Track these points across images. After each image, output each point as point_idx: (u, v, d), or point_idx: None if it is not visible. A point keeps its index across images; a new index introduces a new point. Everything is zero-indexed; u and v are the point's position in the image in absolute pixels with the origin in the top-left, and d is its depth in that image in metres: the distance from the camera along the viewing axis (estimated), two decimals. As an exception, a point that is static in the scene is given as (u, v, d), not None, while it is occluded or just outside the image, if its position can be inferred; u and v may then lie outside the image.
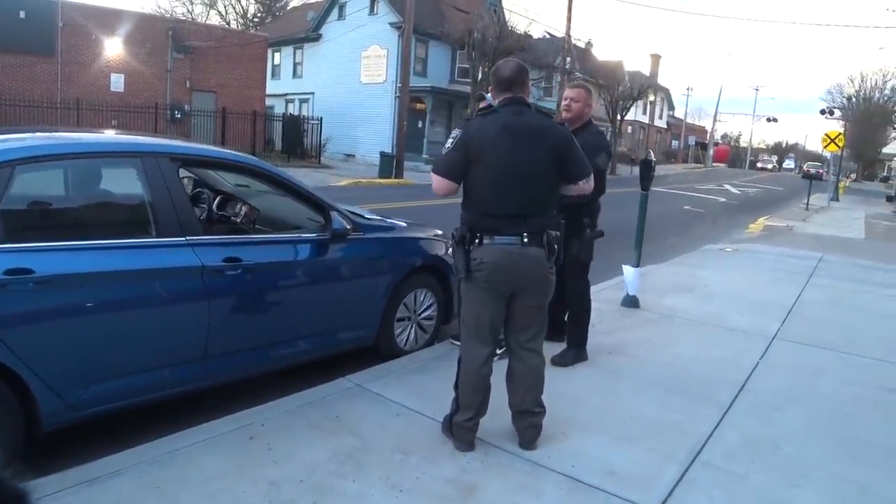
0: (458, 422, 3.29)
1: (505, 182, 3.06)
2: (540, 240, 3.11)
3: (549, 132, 3.16)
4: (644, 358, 4.92)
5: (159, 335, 3.31)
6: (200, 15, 49.04)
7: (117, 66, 23.35)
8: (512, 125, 3.10)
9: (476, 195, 3.13)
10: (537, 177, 3.12)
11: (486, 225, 3.09)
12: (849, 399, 4.39)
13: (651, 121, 59.12)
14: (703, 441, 3.57)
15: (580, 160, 3.25)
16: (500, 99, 3.23)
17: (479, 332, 3.22)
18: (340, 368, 4.29)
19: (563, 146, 3.17)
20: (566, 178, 3.22)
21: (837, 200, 28.94)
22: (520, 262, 3.09)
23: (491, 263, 3.08)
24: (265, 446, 3.23)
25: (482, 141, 3.07)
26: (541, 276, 3.17)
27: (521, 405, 3.33)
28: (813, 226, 17.05)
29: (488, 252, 3.09)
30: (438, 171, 3.19)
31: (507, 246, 3.08)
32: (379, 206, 11.95)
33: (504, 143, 3.06)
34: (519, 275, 3.12)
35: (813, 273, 9.23)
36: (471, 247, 3.12)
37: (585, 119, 4.56)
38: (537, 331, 3.32)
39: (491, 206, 3.09)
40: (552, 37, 35.18)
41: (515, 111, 3.16)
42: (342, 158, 31.50)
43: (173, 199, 3.40)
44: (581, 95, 4.55)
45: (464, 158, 3.10)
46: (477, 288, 3.15)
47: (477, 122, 3.16)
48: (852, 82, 59.77)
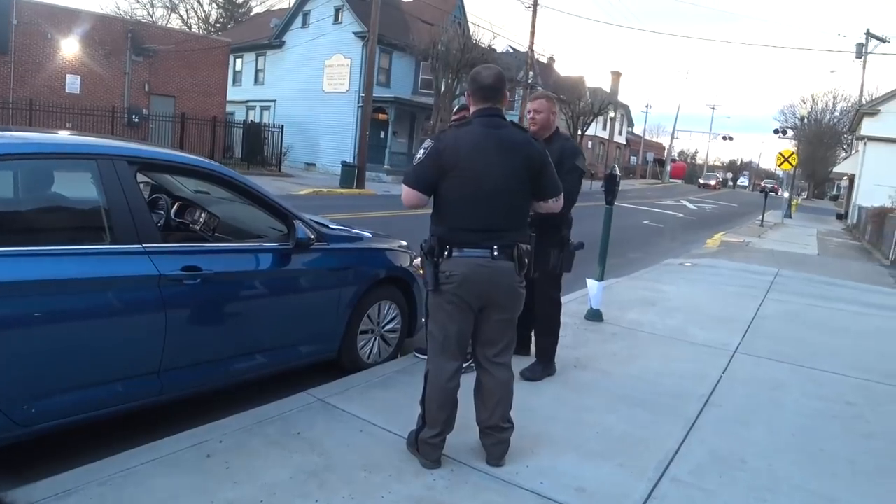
0: (424, 438, 3.20)
1: (479, 196, 2.98)
2: (511, 253, 3.04)
3: (525, 148, 3.08)
4: (611, 372, 4.90)
5: (112, 347, 3.15)
6: (161, 18, 48.27)
7: (73, 67, 22.74)
8: (487, 138, 3.01)
9: (448, 208, 3.04)
10: (512, 192, 3.04)
11: (457, 238, 3.02)
12: (810, 412, 4.43)
13: (611, 136, 60.01)
14: (671, 456, 3.55)
15: (553, 178, 3.20)
16: (477, 109, 3.14)
17: (446, 346, 3.14)
18: (302, 382, 4.17)
19: (538, 163, 3.11)
20: (538, 195, 3.18)
21: (791, 217, 29.69)
22: (489, 275, 3.02)
23: (460, 276, 3.00)
24: (223, 465, 3.09)
25: (457, 153, 2.98)
26: (511, 289, 3.10)
27: (489, 421, 3.24)
28: (768, 242, 17.42)
29: (458, 264, 3.00)
30: (409, 183, 3.08)
31: (476, 258, 3.00)
32: (340, 216, 11.81)
33: (480, 157, 2.98)
34: (488, 288, 3.04)
35: (770, 288, 9.39)
36: (440, 259, 3.04)
37: (552, 128, 4.50)
38: (506, 345, 3.23)
39: (464, 219, 3.01)
40: (515, 51, 35.50)
41: (492, 123, 3.07)
42: (303, 167, 31.20)
43: (130, 205, 3.24)
44: (543, 105, 4.47)
45: (436, 170, 3.00)
46: (445, 301, 3.07)
47: (452, 134, 3.07)
48: (804, 103, 61.53)
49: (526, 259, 3.10)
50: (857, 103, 37.07)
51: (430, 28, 29.24)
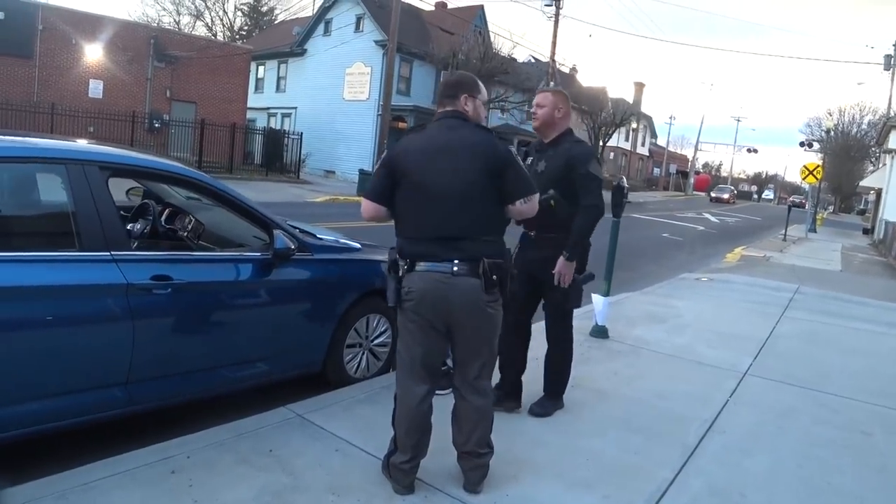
0: (395, 463, 3.01)
1: (429, 203, 2.80)
2: (476, 268, 2.79)
3: (482, 147, 2.84)
4: (609, 392, 4.69)
5: (77, 357, 3.03)
6: (187, 25, 48.87)
7: (97, 72, 23.01)
8: (437, 141, 2.85)
9: (402, 218, 2.90)
10: (468, 197, 2.80)
11: (414, 250, 2.83)
12: (820, 441, 4.17)
13: (633, 148, 59.57)
14: (664, 488, 3.32)
15: (520, 178, 2.89)
16: (438, 113, 2.99)
17: (412, 367, 2.96)
18: (285, 395, 4.01)
19: (499, 163, 2.83)
20: (504, 198, 2.88)
21: (815, 232, 29.08)
22: (448, 293, 2.78)
23: (418, 293, 2.81)
24: (186, 482, 2.95)
25: (406, 159, 2.85)
26: (475, 308, 2.83)
27: (466, 446, 3.03)
28: (790, 257, 17.01)
29: (416, 280, 2.82)
30: (366, 194, 2.96)
31: (434, 273, 2.78)
32: (354, 225, 11.68)
33: (429, 161, 2.81)
34: (448, 307, 2.81)
35: (788, 305, 9.08)
36: (402, 274, 2.86)
37: (561, 128, 3.89)
38: (482, 366, 3.00)
39: (417, 229, 2.85)
40: (537, 61, 35.37)
41: (447, 125, 2.90)
42: (322, 175, 31.26)
43: (99, 211, 3.12)
44: (547, 99, 3.85)
45: (388, 179, 2.87)
46: (408, 319, 2.90)
47: (403, 140, 2.94)
48: (831, 116, 60.64)
49: (495, 275, 2.83)
50: (884, 116, 36.35)
51: (450, 37, 29.21)
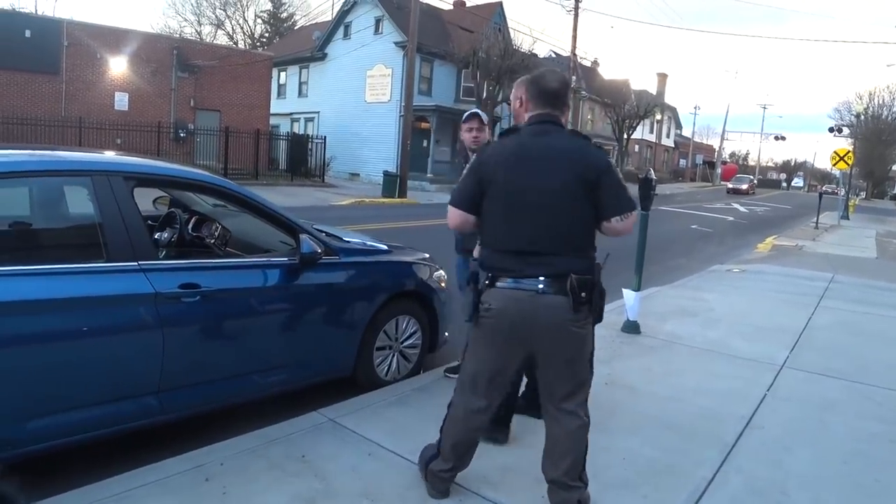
0: (434, 469, 2.95)
1: (517, 213, 2.59)
2: (563, 285, 2.55)
3: (578, 156, 2.60)
4: (642, 390, 4.61)
5: (108, 367, 3.04)
6: (209, 35, 49.42)
7: (121, 84, 23.37)
8: (529, 147, 2.63)
9: (487, 227, 2.68)
10: (557, 208, 2.57)
11: (498, 263, 2.63)
12: (865, 436, 4.05)
13: (658, 140, 58.93)
14: (704, 487, 3.24)
15: (617, 193, 2.62)
16: (531, 115, 2.75)
17: (475, 382, 2.79)
18: (315, 399, 4.00)
19: (594, 174, 2.58)
20: (598, 213, 2.63)
21: (847, 219, 28.50)
22: (532, 313, 2.55)
23: (497, 311, 2.60)
24: (220, 489, 2.95)
25: (497, 165, 2.64)
26: (561, 330, 2.58)
27: (553, 474, 2.77)
28: (823, 245, 16.67)
29: (497, 297, 2.60)
30: (452, 202, 2.76)
31: (518, 291, 2.57)
32: (380, 227, 11.69)
33: (521, 168, 2.60)
34: (531, 328, 2.58)
35: (823, 295, 8.89)
36: (482, 288, 2.66)
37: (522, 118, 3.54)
38: (574, 389, 2.73)
39: (503, 241, 2.63)
40: (557, 55, 35.16)
41: (540, 130, 2.67)
42: (346, 177, 31.40)
43: (126, 221, 3.13)
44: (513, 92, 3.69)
45: (477, 186, 2.67)
46: (481, 335, 2.71)
47: (493, 145, 2.73)
48: (861, 100, 59.41)
49: (584, 293, 2.57)
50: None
51: (470, 35, 29.14)
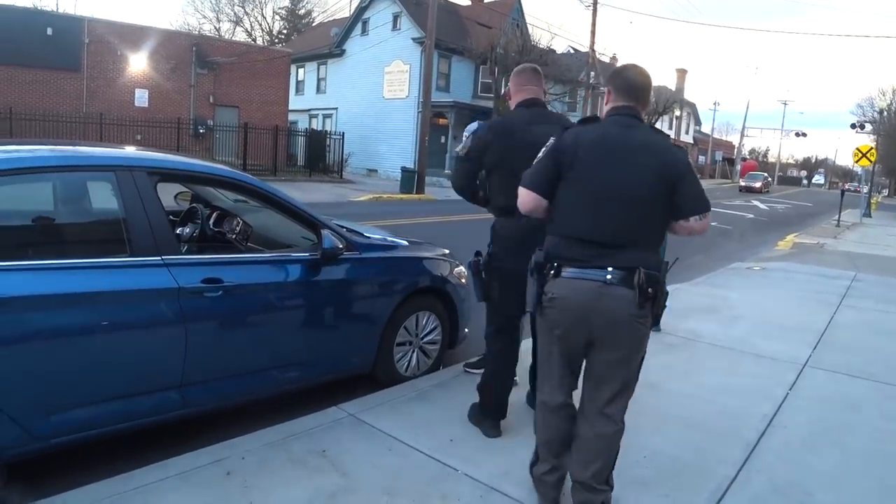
0: (538, 474, 2.86)
1: (593, 202, 2.57)
2: (630, 279, 2.51)
3: (659, 151, 2.61)
4: (663, 387, 4.57)
5: (131, 361, 3.06)
6: (227, 31, 49.68)
7: (142, 81, 23.57)
8: (613, 137, 2.61)
9: (559, 214, 2.65)
10: (635, 201, 2.55)
11: (566, 251, 2.59)
12: (890, 436, 4.00)
13: (677, 136, 58.42)
14: (726, 486, 3.22)
15: (696, 192, 2.63)
16: (613, 107, 2.72)
17: (551, 375, 2.78)
18: (335, 395, 4.02)
19: (676, 171, 2.59)
20: (675, 211, 2.62)
21: (870, 216, 28.13)
22: (596, 304, 2.52)
23: (561, 300, 2.58)
24: (242, 483, 2.96)
25: (575, 151, 2.60)
26: (623, 323, 2.55)
27: (581, 475, 2.71)
28: (845, 243, 16.46)
29: (562, 286, 2.58)
30: (524, 184, 2.70)
31: (584, 282, 2.53)
32: (399, 223, 11.70)
33: (601, 157, 2.57)
34: (594, 319, 2.55)
35: (846, 294, 8.78)
36: (546, 277, 2.63)
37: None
38: (619, 391, 2.68)
39: (576, 228, 2.59)
40: (576, 51, 34.93)
41: (625, 122, 2.65)
42: (364, 173, 31.48)
43: (149, 216, 3.15)
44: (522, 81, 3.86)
45: (554, 170, 2.63)
46: (548, 326, 2.70)
47: (574, 130, 2.69)
48: (884, 95, 58.51)
49: (650, 289, 2.53)
50: (943, 95, 34.88)
51: (488, 31, 29.06)
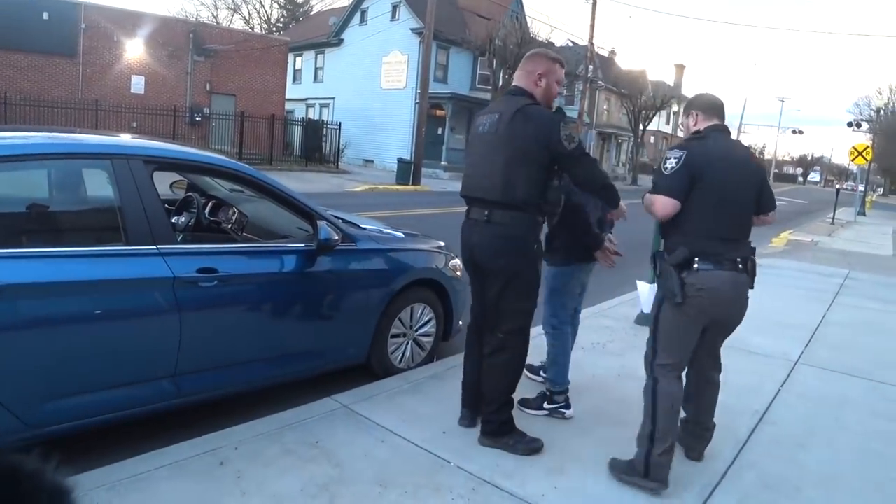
0: (656, 456, 3.03)
1: (724, 205, 2.99)
2: (746, 266, 3.04)
3: (753, 161, 3.21)
4: (656, 382, 4.59)
5: (126, 350, 3.06)
6: (225, 19, 49.36)
7: (138, 68, 23.41)
8: (731, 152, 3.10)
9: (696, 218, 2.99)
10: (747, 203, 3.09)
11: (707, 248, 2.96)
12: (879, 434, 4.03)
13: (674, 131, 58.39)
14: (717, 481, 3.24)
15: (771, 192, 3.24)
16: (712, 125, 3.17)
17: (682, 362, 3.16)
18: (329, 386, 4.03)
19: (762, 176, 3.21)
20: (761, 208, 3.18)
21: (864, 215, 28.23)
22: (736, 290, 3.03)
23: (711, 291, 2.96)
24: (235, 473, 2.97)
25: (709, 163, 2.99)
26: (745, 302, 3.13)
27: (709, 420, 3.42)
28: (839, 241, 16.52)
29: (709, 279, 2.95)
30: (664, 192, 3.00)
31: (727, 273, 2.97)
32: (394, 214, 11.69)
33: (728, 168, 3.02)
34: (733, 303, 3.07)
35: (839, 292, 8.82)
36: (686, 272, 2.97)
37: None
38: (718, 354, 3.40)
39: (714, 229, 2.99)
40: (575, 45, 34.81)
41: (727, 139, 3.18)
42: (361, 164, 31.41)
43: (145, 205, 3.14)
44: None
45: (689, 180, 2.97)
46: (687, 316, 3.02)
47: (698, 144, 3.06)
48: (881, 94, 58.61)
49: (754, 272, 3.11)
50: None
51: (486, 23, 28.94)
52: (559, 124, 3.17)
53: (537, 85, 3.33)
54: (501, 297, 3.30)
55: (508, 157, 3.17)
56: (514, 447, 3.33)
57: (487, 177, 3.23)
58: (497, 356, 3.36)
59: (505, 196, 3.18)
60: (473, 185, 3.34)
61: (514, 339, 3.35)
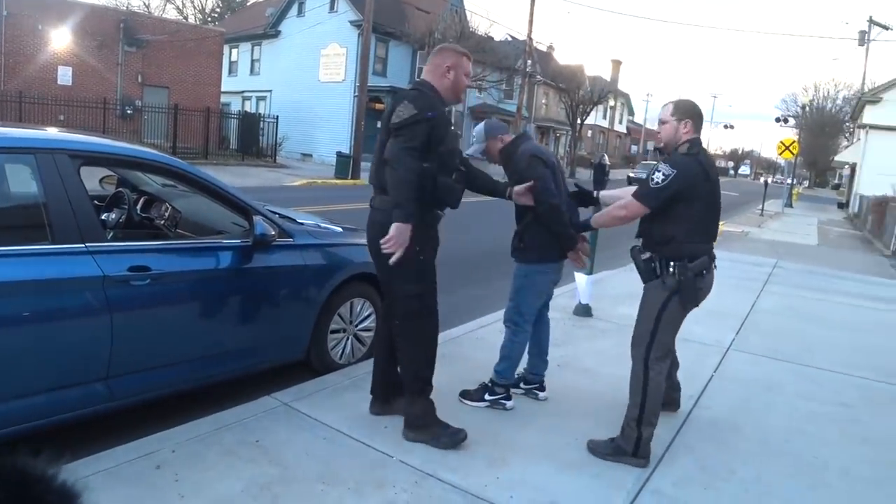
0: (646, 439, 3.32)
1: (711, 214, 3.39)
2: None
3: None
4: (595, 371, 4.69)
5: (53, 353, 2.93)
6: (157, 8, 47.87)
7: (65, 58, 22.45)
8: (713, 166, 3.44)
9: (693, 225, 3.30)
10: (720, 208, 3.49)
11: (701, 251, 3.32)
12: (805, 415, 4.21)
13: (611, 125, 59.65)
14: (654, 465, 3.33)
15: None
16: (696, 138, 3.37)
17: (669, 351, 3.50)
18: (269, 384, 3.97)
19: None
20: None
21: (791, 207, 29.41)
22: (711, 282, 3.44)
23: (707, 287, 3.40)
24: (173, 477, 2.89)
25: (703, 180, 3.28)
26: None
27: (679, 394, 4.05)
28: (768, 232, 17.17)
29: (709, 278, 3.39)
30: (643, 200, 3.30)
31: (711, 269, 3.40)
32: (333, 208, 11.58)
33: (714, 181, 3.36)
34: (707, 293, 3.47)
35: (768, 280, 9.17)
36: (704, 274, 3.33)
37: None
38: None
39: (704, 233, 3.37)
40: (514, 39, 35.11)
41: (707, 153, 3.47)
42: (299, 158, 30.95)
43: (72, 202, 3.01)
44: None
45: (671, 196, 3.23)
46: (684, 310, 3.38)
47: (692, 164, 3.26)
48: (806, 92, 61.21)
49: None
50: (859, 91, 36.69)
51: (426, 16, 28.91)
52: (406, 99, 3.13)
53: (445, 77, 3.32)
54: (389, 281, 3.34)
55: (381, 141, 3.25)
56: (436, 439, 3.32)
57: (375, 163, 3.33)
58: (399, 343, 3.41)
59: (378, 180, 3.27)
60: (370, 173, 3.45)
61: (410, 324, 3.33)
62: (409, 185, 3.05)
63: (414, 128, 3.06)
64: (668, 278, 3.30)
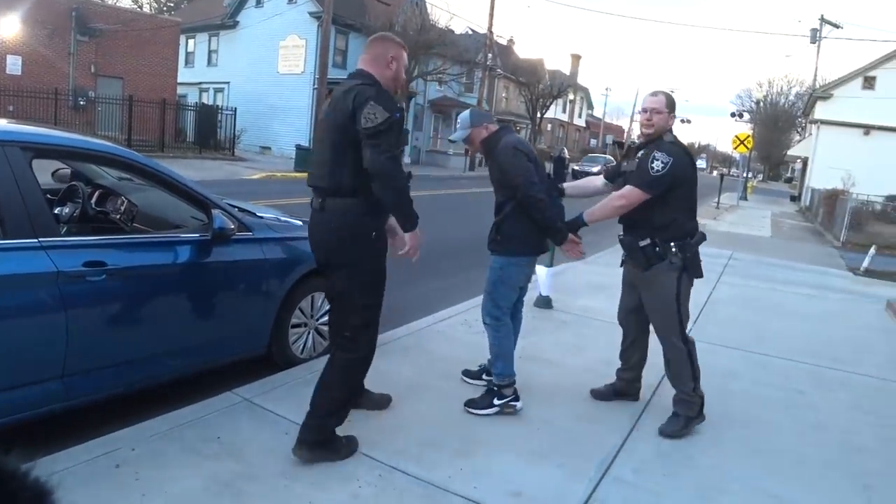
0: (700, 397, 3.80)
1: (695, 196, 3.75)
2: None
3: None
4: (556, 362, 4.75)
5: (6, 351, 2.84)
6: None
7: (14, 47, 21.71)
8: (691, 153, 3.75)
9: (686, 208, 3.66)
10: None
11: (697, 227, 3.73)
12: (760, 402, 4.33)
13: (570, 119, 60.14)
14: (615, 453, 3.39)
15: None
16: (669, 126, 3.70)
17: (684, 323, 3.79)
18: (229, 379, 3.91)
19: None
20: None
21: (746, 199, 30.11)
22: None
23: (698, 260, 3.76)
24: (133, 475, 2.84)
25: (688, 168, 3.60)
26: None
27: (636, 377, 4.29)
28: (723, 224, 17.55)
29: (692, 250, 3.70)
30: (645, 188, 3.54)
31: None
32: (293, 202, 11.46)
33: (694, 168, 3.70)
34: None
35: (723, 271, 9.38)
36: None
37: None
38: None
39: (692, 215, 3.73)
40: (474, 32, 35.12)
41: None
42: (258, 151, 30.52)
43: (23, 195, 2.93)
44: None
45: (671, 182, 3.51)
46: (690, 285, 3.77)
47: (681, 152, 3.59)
48: (760, 87, 62.67)
49: None
50: (811, 87, 37.65)
51: (386, 8, 28.73)
52: (371, 99, 2.89)
53: (388, 68, 3.14)
54: (349, 293, 3.09)
55: (335, 140, 3.00)
56: (338, 453, 3.11)
57: (320, 164, 3.08)
58: (339, 354, 3.15)
59: (333, 182, 3.00)
60: (312, 173, 3.17)
61: (360, 336, 3.12)
62: (407, 193, 2.99)
63: (389, 133, 2.89)
64: (673, 258, 3.59)
